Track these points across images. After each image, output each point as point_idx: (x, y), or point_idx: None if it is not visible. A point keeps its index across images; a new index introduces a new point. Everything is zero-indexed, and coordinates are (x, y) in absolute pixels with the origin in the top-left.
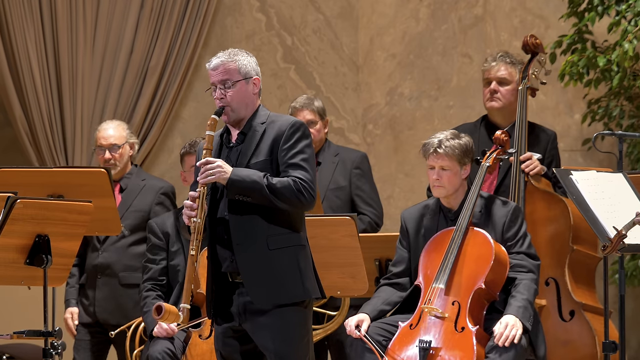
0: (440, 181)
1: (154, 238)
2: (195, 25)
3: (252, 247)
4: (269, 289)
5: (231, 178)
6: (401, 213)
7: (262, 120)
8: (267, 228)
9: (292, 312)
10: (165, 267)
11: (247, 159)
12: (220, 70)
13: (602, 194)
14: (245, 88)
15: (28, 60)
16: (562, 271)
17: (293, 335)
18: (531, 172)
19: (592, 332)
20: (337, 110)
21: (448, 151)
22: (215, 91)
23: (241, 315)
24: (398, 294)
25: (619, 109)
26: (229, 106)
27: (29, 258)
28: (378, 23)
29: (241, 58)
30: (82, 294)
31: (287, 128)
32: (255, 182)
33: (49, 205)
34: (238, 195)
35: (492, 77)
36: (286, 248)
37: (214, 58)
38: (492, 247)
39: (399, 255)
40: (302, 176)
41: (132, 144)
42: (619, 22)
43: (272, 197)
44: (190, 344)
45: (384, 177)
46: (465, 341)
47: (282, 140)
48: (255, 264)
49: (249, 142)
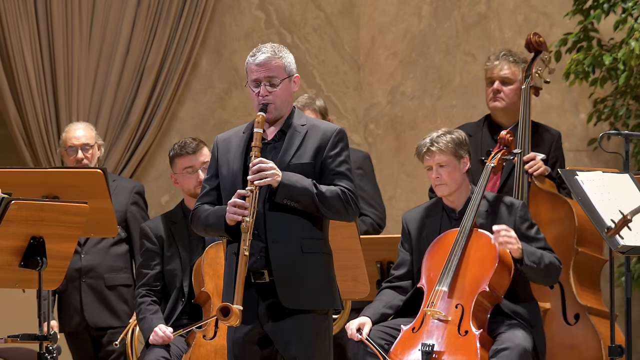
0: (440, 179)
1: (147, 243)
2: (193, 23)
3: (288, 246)
4: (300, 291)
5: (283, 182)
6: (403, 215)
7: (302, 122)
8: (302, 230)
9: (317, 318)
10: (160, 272)
11: (288, 158)
12: (267, 67)
13: (608, 195)
14: (288, 86)
15: (23, 58)
16: (566, 274)
17: (316, 342)
18: (535, 173)
19: (598, 336)
20: (338, 110)
21: (441, 147)
22: (258, 87)
23: (263, 317)
24: (400, 298)
25: (626, 109)
26: (273, 104)
27: (24, 260)
28: (379, 21)
29: (286, 55)
30: (64, 300)
31: (332, 135)
32: (306, 189)
33: (44, 206)
34: (286, 200)
35: (494, 77)
36: (318, 254)
37: (259, 52)
38: (496, 249)
39: (400, 258)
40: (350, 187)
41: (100, 145)
42: (625, 20)
43: (321, 205)
44: (194, 345)
45: (385, 178)
46: (468, 345)
47: (327, 147)
48: (289, 264)
49: (290, 141)
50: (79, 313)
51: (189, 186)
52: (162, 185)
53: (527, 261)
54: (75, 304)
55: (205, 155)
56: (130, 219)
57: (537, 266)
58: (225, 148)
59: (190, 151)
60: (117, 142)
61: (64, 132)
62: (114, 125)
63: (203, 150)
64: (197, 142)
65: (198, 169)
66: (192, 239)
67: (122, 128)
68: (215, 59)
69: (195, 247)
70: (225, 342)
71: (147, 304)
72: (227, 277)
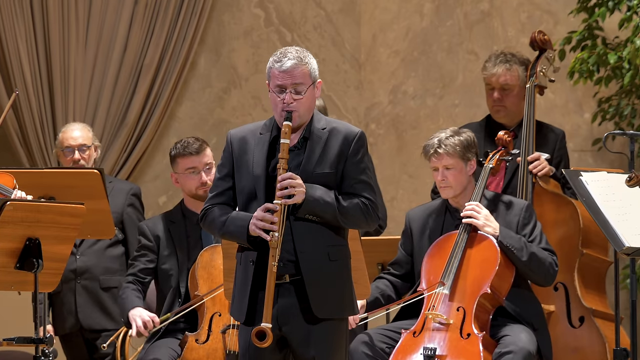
0: (446, 181)
1: (144, 239)
2: (192, 22)
3: (316, 256)
4: (332, 300)
5: (307, 199)
6: (406, 213)
7: (322, 126)
8: (328, 237)
9: (339, 323)
10: (151, 268)
11: (311, 167)
12: (293, 74)
13: (613, 195)
14: (313, 93)
15: (18, 57)
16: (571, 276)
17: (335, 345)
18: (539, 173)
19: (603, 339)
20: (339, 109)
21: (449, 150)
22: (282, 93)
23: (282, 318)
24: (392, 290)
25: (631, 108)
26: (297, 112)
27: (19, 262)
28: (381, 19)
29: (311, 60)
30: (58, 302)
31: (353, 140)
32: (329, 205)
33: (40, 207)
34: (309, 215)
35: (493, 85)
36: (343, 260)
37: (285, 58)
38: (497, 250)
39: (397, 258)
40: (372, 197)
41: (97, 146)
42: (630, 18)
43: (342, 218)
44: (186, 348)
45: (387, 178)
46: (471, 348)
47: (349, 153)
48: (319, 274)
49: (312, 148)
50: (73, 315)
51: (190, 187)
52: (160, 185)
53: (503, 240)
54: (70, 306)
55: (208, 156)
56: (126, 221)
57: (517, 252)
58: (241, 148)
59: (193, 151)
60: (114, 142)
61: (60, 132)
62: (111, 125)
63: (206, 150)
64: (200, 143)
65: (201, 170)
66: (190, 239)
67: (119, 128)
68: (214, 58)
69: (193, 248)
70: (217, 346)
71: (131, 289)
72: (240, 283)
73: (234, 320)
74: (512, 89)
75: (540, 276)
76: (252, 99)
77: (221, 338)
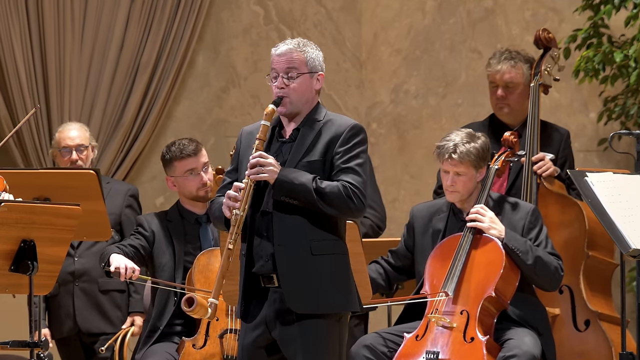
0: (454, 186)
1: (140, 229)
2: (190, 19)
3: (295, 250)
4: (308, 295)
5: (279, 178)
6: (411, 208)
7: (319, 118)
8: (311, 231)
9: (326, 324)
10: (139, 251)
11: (299, 157)
12: (287, 59)
13: (619, 196)
14: (309, 82)
15: (13, 56)
16: (576, 278)
17: (324, 349)
18: (544, 174)
19: (609, 343)
20: (339, 109)
21: (464, 157)
22: (276, 78)
23: (272, 322)
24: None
25: (637, 107)
26: (288, 97)
27: (14, 264)
28: (382, 16)
29: (310, 50)
30: (55, 305)
31: (345, 130)
32: (303, 185)
33: (35, 208)
34: (285, 197)
35: (497, 82)
36: (330, 255)
37: (282, 44)
38: (502, 253)
39: (398, 249)
40: (354, 181)
41: (94, 147)
42: (636, 16)
43: (320, 201)
44: (183, 353)
45: (388, 179)
46: (475, 352)
47: (338, 142)
48: (296, 268)
49: (303, 139)
50: (71, 318)
51: (190, 189)
52: (157, 186)
53: (508, 243)
54: (68, 309)
55: (204, 155)
56: (124, 222)
57: (522, 255)
58: (247, 143)
59: (191, 153)
60: (111, 142)
61: (57, 132)
62: (108, 125)
63: (202, 150)
64: (195, 143)
65: (200, 171)
66: (187, 236)
67: (116, 127)
68: (212, 56)
69: (191, 244)
70: (215, 351)
71: (115, 246)
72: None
73: (231, 325)
74: (516, 86)
75: (546, 280)
76: (251, 98)
77: (219, 343)
